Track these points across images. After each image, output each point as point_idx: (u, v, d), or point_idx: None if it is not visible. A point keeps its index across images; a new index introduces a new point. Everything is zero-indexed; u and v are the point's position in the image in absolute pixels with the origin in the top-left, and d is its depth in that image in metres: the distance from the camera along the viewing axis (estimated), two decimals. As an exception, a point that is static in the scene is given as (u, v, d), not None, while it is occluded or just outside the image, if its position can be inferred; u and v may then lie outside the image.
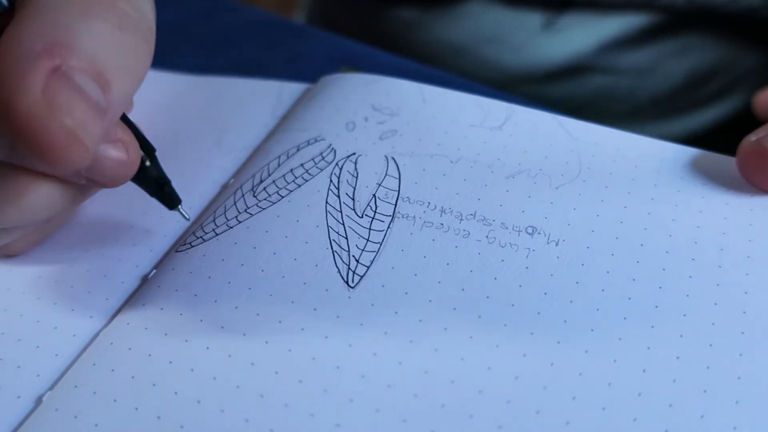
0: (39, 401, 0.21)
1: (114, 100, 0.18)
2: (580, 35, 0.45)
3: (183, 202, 0.25)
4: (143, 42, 0.19)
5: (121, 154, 0.21)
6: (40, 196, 0.20)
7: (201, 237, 0.25)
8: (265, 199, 0.26)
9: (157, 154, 0.23)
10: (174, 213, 0.24)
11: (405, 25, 0.48)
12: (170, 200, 0.24)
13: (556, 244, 0.24)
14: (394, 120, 0.29)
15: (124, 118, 0.22)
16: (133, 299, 0.24)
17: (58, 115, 0.17)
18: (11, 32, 0.17)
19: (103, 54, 0.18)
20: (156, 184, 0.23)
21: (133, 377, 0.21)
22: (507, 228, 0.24)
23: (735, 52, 0.47)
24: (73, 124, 0.17)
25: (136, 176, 0.22)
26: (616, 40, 0.45)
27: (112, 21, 0.18)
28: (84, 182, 0.21)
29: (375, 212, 0.25)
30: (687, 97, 0.48)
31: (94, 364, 0.22)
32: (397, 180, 0.26)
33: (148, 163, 0.22)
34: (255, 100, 0.32)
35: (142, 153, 0.22)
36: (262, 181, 0.27)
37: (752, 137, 0.25)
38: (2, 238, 0.22)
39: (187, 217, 0.25)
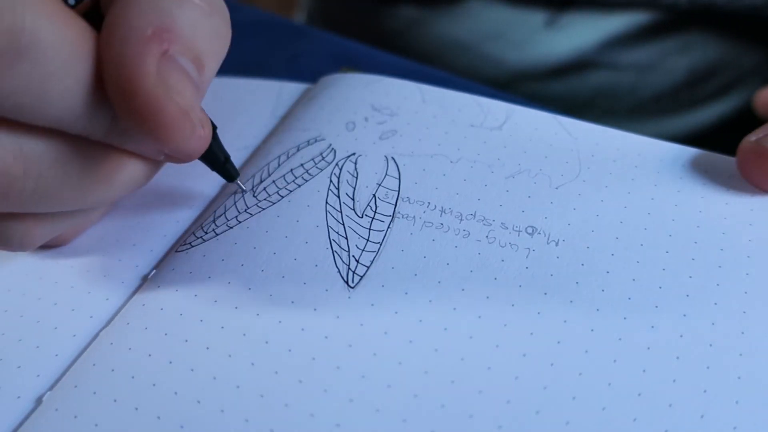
0: (39, 401, 0.21)
1: (206, 80, 0.20)
2: (582, 32, 0.45)
3: (183, 202, 0.25)
4: (227, 26, 0.21)
5: (200, 130, 0.21)
6: (129, 173, 0.22)
7: (201, 237, 0.25)
8: (265, 199, 0.26)
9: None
10: (170, 213, 0.24)
11: (407, 23, 0.48)
12: (230, 174, 0.25)
13: (556, 244, 0.24)
14: (394, 120, 0.29)
15: None
16: (133, 299, 0.24)
17: (172, 96, 0.18)
18: (118, 17, 0.18)
19: (200, 38, 0.19)
20: (217, 158, 0.24)
21: (133, 377, 0.21)
22: (507, 228, 0.24)
23: (736, 50, 0.47)
24: (185, 104, 0.19)
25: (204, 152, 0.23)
26: (618, 37, 0.45)
27: (204, 7, 0.19)
28: (162, 158, 0.22)
29: (375, 212, 0.25)
30: (688, 94, 0.48)
31: (94, 364, 0.22)
32: (397, 180, 0.26)
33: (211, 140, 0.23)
34: (255, 100, 0.32)
35: None
36: (262, 181, 0.27)
37: (752, 137, 0.25)
38: (68, 221, 0.23)
39: (245, 189, 0.26)
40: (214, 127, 0.24)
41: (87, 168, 0.20)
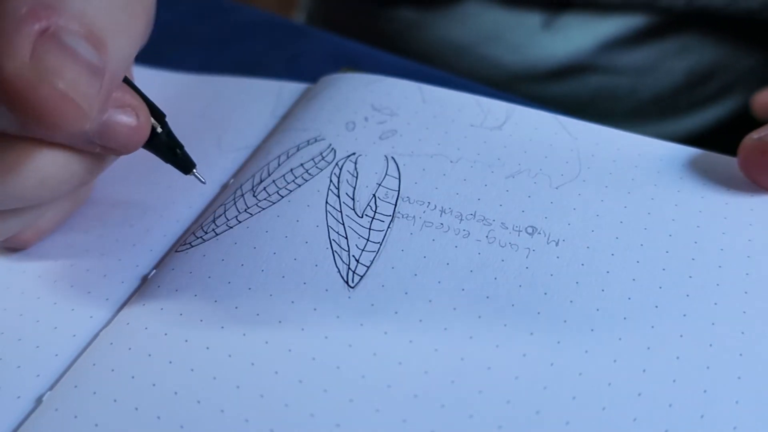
0: (39, 401, 0.21)
1: (111, 60, 0.18)
2: (579, 34, 0.45)
3: (183, 201, 0.24)
4: None
5: (131, 119, 0.20)
6: (58, 167, 0.20)
7: (201, 237, 0.25)
8: (265, 199, 0.26)
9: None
10: (170, 213, 0.24)
11: (405, 24, 0.48)
12: (185, 165, 0.24)
13: (556, 244, 0.24)
14: (394, 120, 0.29)
15: (131, 85, 0.22)
16: (133, 299, 0.24)
17: (48, 78, 0.17)
18: None
19: (94, 13, 0.18)
20: (169, 149, 0.23)
21: (133, 377, 0.21)
22: (507, 228, 0.24)
23: (734, 53, 0.47)
24: (65, 86, 0.17)
25: (149, 143, 0.22)
26: (615, 40, 0.45)
27: None
28: (98, 150, 0.21)
29: (375, 212, 0.25)
30: (687, 96, 0.48)
31: (94, 364, 0.22)
32: (397, 180, 0.26)
33: (159, 130, 0.22)
34: (255, 100, 0.32)
35: (153, 119, 0.22)
36: (261, 181, 0.27)
37: (754, 135, 0.25)
38: (15, 221, 0.22)
39: (203, 180, 0.25)
40: (163, 115, 0.23)
41: (12, 162, 0.19)
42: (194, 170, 0.24)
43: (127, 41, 0.19)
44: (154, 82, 0.27)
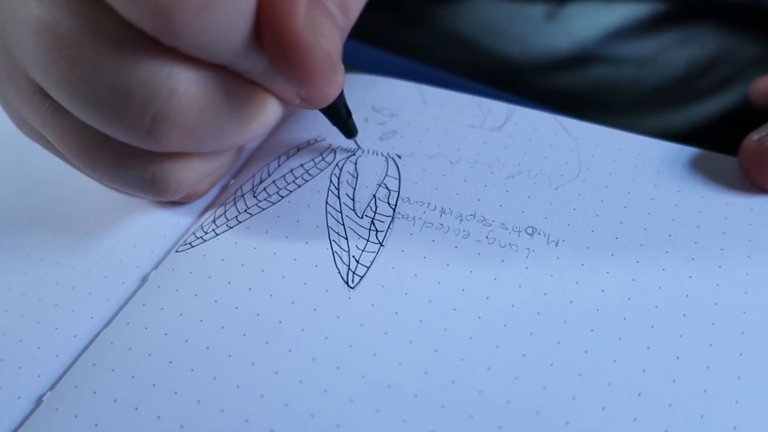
0: (39, 401, 0.21)
1: (349, 25, 0.21)
2: (582, 25, 0.45)
3: (182, 204, 0.25)
4: None
5: (339, 76, 0.22)
6: (269, 113, 0.23)
7: (201, 237, 0.25)
8: (265, 200, 0.26)
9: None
10: (171, 214, 0.25)
11: (409, 17, 0.48)
12: (350, 129, 0.26)
13: (556, 244, 0.24)
14: (394, 121, 0.29)
15: None
16: (133, 299, 0.24)
17: (321, 39, 0.19)
18: None
19: None
20: (341, 113, 0.26)
21: (133, 377, 0.21)
22: (507, 228, 0.24)
23: (735, 43, 0.47)
24: (330, 47, 0.19)
25: (331, 104, 0.24)
26: (618, 30, 0.45)
27: None
28: (298, 102, 0.23)
29: (375, 213, 0.25)
30: (688, 87, 0.48)
31: (94, 364, 0.22)
32: (397, 180, 0.26)
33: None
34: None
35: None
36: (262, 182, 0.27)
37: (754, 136, 0.25)
38: (213, 163, 0.24)
39: (360, 147, 0.27)
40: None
41: (244, 103, 0.21)
42: (355, 137, 0.27)
43: (358, 9, 0.21)
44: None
